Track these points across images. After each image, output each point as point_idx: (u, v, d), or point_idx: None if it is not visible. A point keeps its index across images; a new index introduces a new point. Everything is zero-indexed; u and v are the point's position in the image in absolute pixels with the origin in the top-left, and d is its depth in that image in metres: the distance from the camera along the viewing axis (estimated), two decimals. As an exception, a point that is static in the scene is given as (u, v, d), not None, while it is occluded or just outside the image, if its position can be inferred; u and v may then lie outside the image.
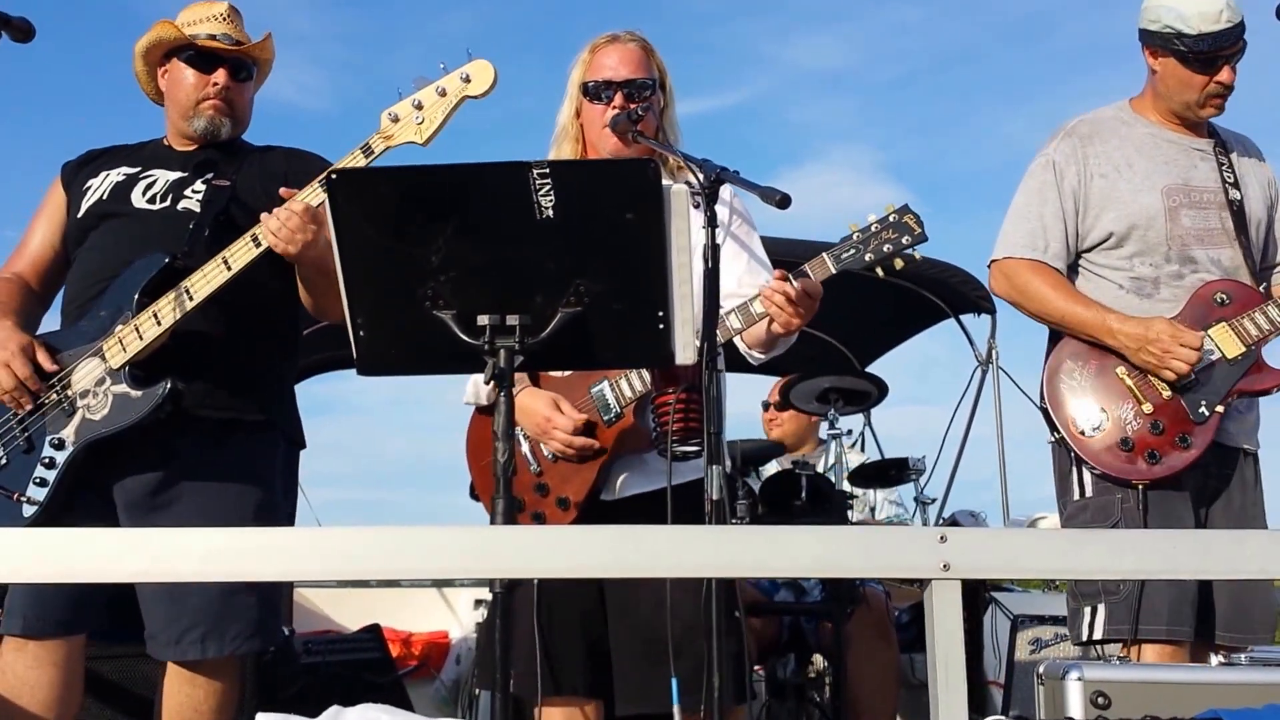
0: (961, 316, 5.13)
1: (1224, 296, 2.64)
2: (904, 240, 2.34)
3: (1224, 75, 2.65)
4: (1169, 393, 2.60)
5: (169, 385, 2.36)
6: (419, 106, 2.33)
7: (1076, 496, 2.67)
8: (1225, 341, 2.61)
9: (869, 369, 5.65)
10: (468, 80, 2.30)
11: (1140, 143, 2.76)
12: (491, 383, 2.48)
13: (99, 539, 1.30)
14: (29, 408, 2.40)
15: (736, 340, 2.45)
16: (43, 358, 2.41)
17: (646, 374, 2.38)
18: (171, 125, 2.70)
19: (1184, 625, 2.52)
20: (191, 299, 2.37)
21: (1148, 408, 2.60)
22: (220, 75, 2.61)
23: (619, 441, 2.43)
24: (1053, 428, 2.70)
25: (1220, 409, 2.58)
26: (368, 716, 1.75)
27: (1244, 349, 2.60)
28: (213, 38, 2.62)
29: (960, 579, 1.16)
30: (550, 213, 1.79)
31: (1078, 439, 2.64)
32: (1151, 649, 2.51)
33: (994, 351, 5.00)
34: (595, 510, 2.43)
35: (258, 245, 2.37)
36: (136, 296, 2.40)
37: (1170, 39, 2.65)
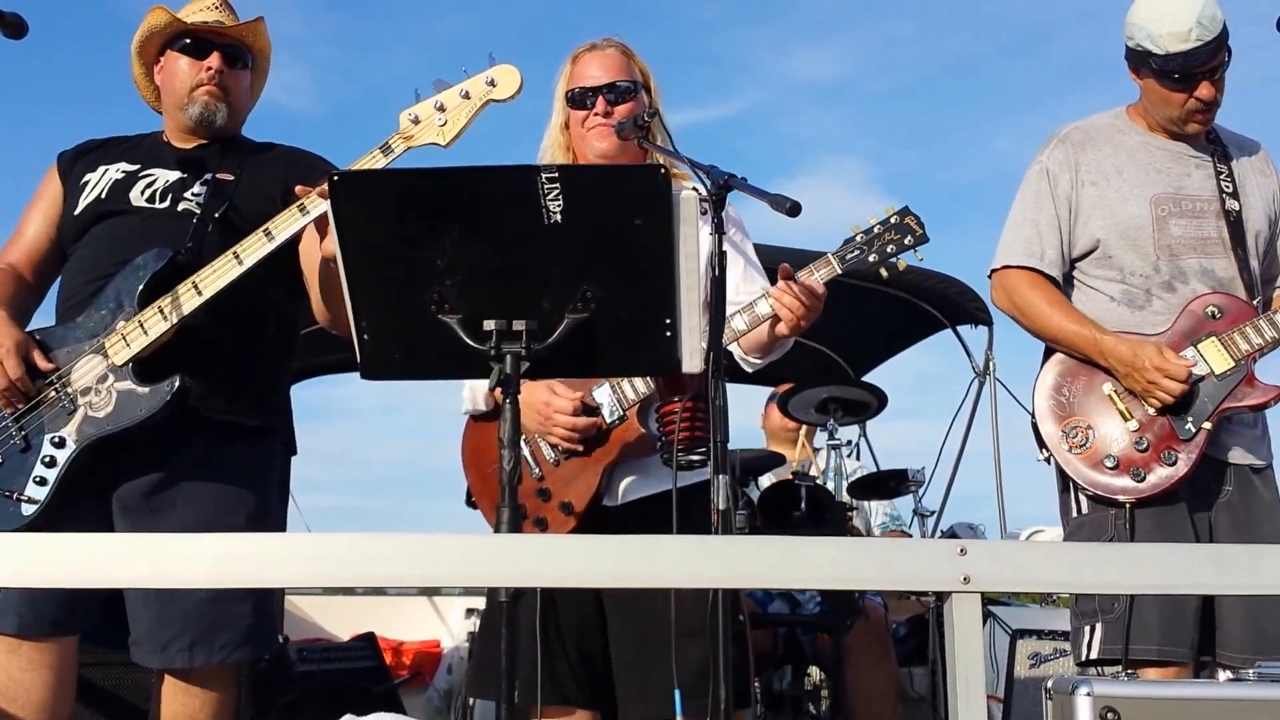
0: (959, 328, 5.12)
1: (1215, 310, 2.61)
2: (906, 241, 2.35)
3: (1203, 91, 2.61)
4: (1155, 409, 2.57)
5: (178, 383, 2.32)
6: (441, 109, 2.29)
7: (1074, 514, 2.63)
8: (1214, 356, 2.57)
9: (864, 379, 5.65)
10: (493, 84, 2.26)
11: (1133, 151, 2.74)
12: (495, 388, 2.47)
13: (95, 543, 1.28)
14: (23, 406, 2.36)
15: (732, 346, 2.43)
16: (38, 355, 2.38)
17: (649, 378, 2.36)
18: (170, 120, 2.66)
19: (1180, 646, 2.46)
20: (200, 294, 2.34)
21: (1133, 424, 2.57)
22: (214, 60, 2.59)
23: (622, 446, 2.41)
24: (1041, 444, 2.67)
25: (1208, 425, 2.54)
26: (381, 725, 1.73)
27: (1232, 364, 2.56)
28: (205, 23, 2.60)
29: (980, 591, 1.15)
30: (558, 217, 1.77)
31: (1064, 456, 2.61)
32: (1149, 671, 2.44)
33: (991, 363, 5.00)
34: (598, 515, 2.41)
35: (270, 239, 2.34)
36: (140, 290, 2.37)
37: (1144, 58, 2.63)
